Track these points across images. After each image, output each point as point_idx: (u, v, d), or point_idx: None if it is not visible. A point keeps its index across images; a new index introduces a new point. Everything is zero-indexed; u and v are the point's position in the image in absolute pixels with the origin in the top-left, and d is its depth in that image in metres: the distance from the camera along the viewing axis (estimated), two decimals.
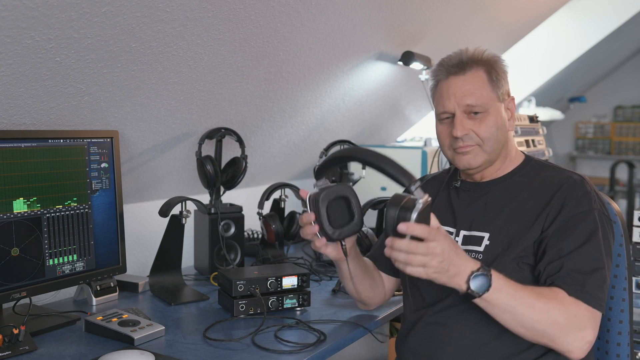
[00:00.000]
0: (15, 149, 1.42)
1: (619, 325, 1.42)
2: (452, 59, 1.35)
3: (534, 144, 2.50)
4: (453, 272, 1.13)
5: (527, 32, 3.46)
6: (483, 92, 1.32)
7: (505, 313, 1.16)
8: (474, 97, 1.32)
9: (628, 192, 6.01)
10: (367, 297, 1.52)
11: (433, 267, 1.10)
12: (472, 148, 1.34)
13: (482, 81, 1.33)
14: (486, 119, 1.32)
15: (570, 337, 1.17)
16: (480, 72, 1.33)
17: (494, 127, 1.33)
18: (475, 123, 1.33)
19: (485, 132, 1.32)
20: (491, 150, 1.35)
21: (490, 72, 1.34)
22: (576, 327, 1.17)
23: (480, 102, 1.32)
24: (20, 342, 1.32)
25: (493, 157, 1.36)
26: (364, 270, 1.45)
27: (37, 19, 1.19)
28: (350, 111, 2.61)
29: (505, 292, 1.16)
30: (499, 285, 1.15)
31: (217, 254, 1.96)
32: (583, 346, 1.17)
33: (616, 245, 1.41)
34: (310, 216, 1.25)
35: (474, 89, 1.32)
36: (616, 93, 6.96)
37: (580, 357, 1.19)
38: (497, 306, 1.16)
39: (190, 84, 1.72)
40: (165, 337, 1.43)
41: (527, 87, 4.72)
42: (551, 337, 1.17)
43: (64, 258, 1.54)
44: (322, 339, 1.41)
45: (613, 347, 1.43)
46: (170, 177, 2.09)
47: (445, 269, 1.12)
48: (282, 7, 1.65)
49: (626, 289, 1.42)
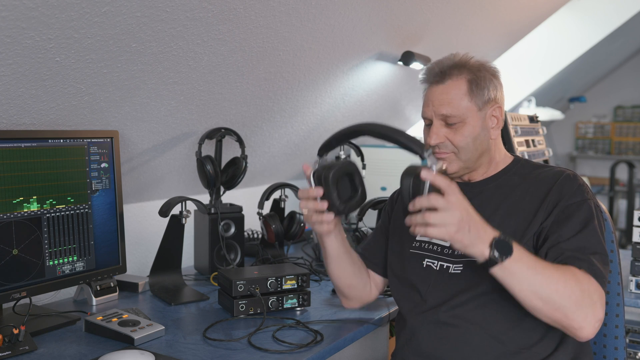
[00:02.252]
0: (15, 149, 1.42)
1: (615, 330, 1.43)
2: (434, 68, 1.36)
3: (534, 144, 2.49)
4: (475, 234, 1.13)
5: (527, 32, 3.46)
6: (461, 103, 1.32)
7: (524, 283, 1.15)
8: (449, 107, 1.32)
9: (628, 192, 6.00)
10: (349, 287, 1.50)
11: (454, 224, 1.11)
12: (447, 155, 1.36)
13: (461, 91, 1.32)
14: (462, 129, 1.33)
15: (583, 312, 1.15)
16: (461, 81, 1.33)
17: (469, 137, 1.33)
18: (450, 132, 1.34)
19: (460, 141, 1.33)
20: (466, 159, 1.36)
21: (472, 82, 1.33)
22: (589, 302, 1.16)
23: (456, 113, 1.32)
24: (20, 342, 1.32)
25: (470, 164, 1.37)
26: (348, 253, 1.45)
27: (37, 19, 1.19)
28: (350, 111, 2.61)
29: (526, 262, 1.15)
30: (519, 254, 1.15)
31: (217, 254, 1.96)
32: (595, 323, 1.16)
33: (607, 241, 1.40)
34: (316, 191, 1.28)
35: (451, 98, 1.32)
36: (616, 93, 6.96)
37: (591, 335, 1.17)
38: (516, 275, 1.15)
39: (190, 84, 1.72)
40: (165, 337, 1.43)
41: (527, 87, 4.72)
42: (566, 310, 1.15)
43: (64, 258, 1.54)
44: (320, 339, 1.41)
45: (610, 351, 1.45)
46: (170, 177, 2.09)
47: (466, 228, 1.12)
48: (282, 7, 1.65)
49: (620, 293, 1.45)
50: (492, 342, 1.27)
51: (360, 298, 1.54)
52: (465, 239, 1.13)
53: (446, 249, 1.38)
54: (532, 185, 1.35)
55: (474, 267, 1.30)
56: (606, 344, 1.45)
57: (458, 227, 1.11)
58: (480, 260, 1.15)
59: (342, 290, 1.52)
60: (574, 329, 1.17)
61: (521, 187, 1.36)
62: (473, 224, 1.13)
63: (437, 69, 1.35)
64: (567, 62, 4.53)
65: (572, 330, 1.17)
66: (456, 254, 1.35)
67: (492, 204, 1.36)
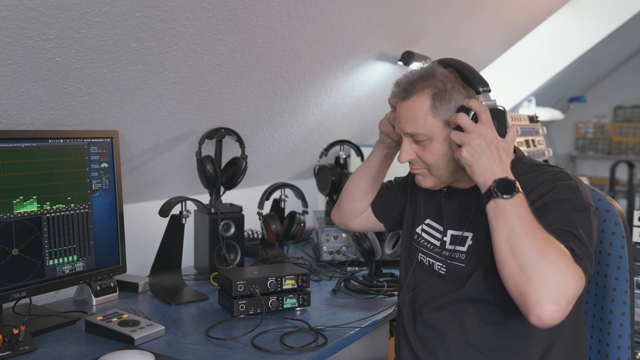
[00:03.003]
0: (15, 149, 1.42)
1: (619, 328, 1.41)
2: (400, 82, 1.32)
3: (534, 144, 2.49)
4: (484, 164, 1.17)
5: (527, 32, 3.46)
6: (426, 120, 1.27)
7: (507, 227, 1.12)
8: (413, 126, 1.28)
9: (628, 192, 6.01)
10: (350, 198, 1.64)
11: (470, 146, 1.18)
12: (420, 171, 1.35)
13: (424, 109, 1.27)
14: (429, 146, 1.29)
15: (547, 291, 1.05)
16: (424, 97, 1.27)
17: (437, 154, 1.29)
18: (419, 149, 1.31)
19: (428, 158, 1.31)
20: (439, 175, 1.33)
21: (436, 96, 1.26)
22: (560, 283, 1.05)
23: (421, 131, 1.28)
24: (20, 342, 1.32)
25: (445, 179, 1.35)
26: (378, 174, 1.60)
27: (37, 19, 1.19)
28: (350, 111, 2.61)
29: (519, 210, 1.13)
30: (517, 201, 1.14)
31: (217, 254, 1.96)
32: (555, 311, 1.04)
33: (617, 246, 1.41)
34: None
35: (415, 116, 1.28)
36: (616, 93, 6.96)
37: (545, 318, 1.05)
38: (504, 216, 1.13)
39: (190, 84, 1.72)
40: (165, 337, 1.43)
41: (527, 87, 4.72)
42: (530, 279, 1.06)
43: (64, 258, 1.54)
44: (321, 339, 1.41)
45: (613, 350, 1.42)
46: (170, 177, 2.09)
47: (477, 155, 1.18)
48: (282, 7, 1.65)
49: (627, 291, 1.41)
50: (469, 349, 1.28)
51: (348, 214, 1.66)
52: (474, 164, 1.18)
53: (437, 248, 1.39)
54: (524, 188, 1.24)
55: (457, 271, 1.33)
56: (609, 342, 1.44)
57: (472, 150, 1.18)
58: (482, 190, 1.18)
59: (346, 195, 1.65)
60: (531, 301, 1.05)
61: None
62: (487, 154, 1.17)
63: (403, 84, 1.31)
64: (567, 62, 4.54)
65: (528, 302, 1.06)
66: (443, 254, 1.37)
67: (481, 206, 1.26)
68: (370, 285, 1.83)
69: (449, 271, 1.35)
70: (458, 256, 1.33)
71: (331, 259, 2.15)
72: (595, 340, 1.46)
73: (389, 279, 1.88)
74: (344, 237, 2.16)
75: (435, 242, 1.40)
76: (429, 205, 1.46)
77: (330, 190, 2.30)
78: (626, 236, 1.41)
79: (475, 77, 1.28)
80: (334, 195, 2.34)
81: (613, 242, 1.42)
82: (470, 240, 1.32)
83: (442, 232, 1.39)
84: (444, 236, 1.38)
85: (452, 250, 1.34)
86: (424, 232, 1.45)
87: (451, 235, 1.37)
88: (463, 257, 1.32)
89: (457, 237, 1.35)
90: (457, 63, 1.31)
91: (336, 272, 2.03)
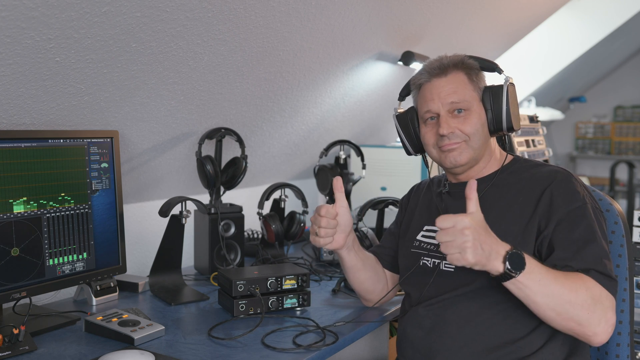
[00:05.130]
0: (15, 149, 1.42)
1: (618, 325, 1.41)
2: (433, 63, 1.41)
3: (534, 144, 2.49)
4: (488, 250, 1.13)
5: (527, 32, 3.46)
6: (466, 91, 1.37)
7: (537, 295, 1.16)
8: (457, 95, 1.37)
9: (628, 192, 6.01)
10: (367, 290, 1.57)
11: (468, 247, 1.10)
12: (458, 145, 1.37)
13: (464, 81, 1.38)
14: (470, 116, 1.37)
15: (596, 319, 1.17)
16: (461, 74, 1.39)
17: (478, 123, 1.37)
18: (459, 121, 1.37)
19: (470, 128, 1.36)
20: (477, 147, 1.38)
21: (470, 74, 1.39)
22: (601, 308, 1.18)
23: (464, 99, 1.36)
24: (20, 342, 1.32)
25: (479, 153, 1.40)
26: (364, 262, 1.53)
27: (37, 19, 1.19)
28: (350, 111, 2.61)
29: (538, 273, 1.16)
30: (531, 267, 1.15)
31: (217, 254, 1.96)
32: (608, 329, 1.18)
33: (617, 245, 1.42)
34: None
35: (456, 87, 1.37)
36: (616, 93, 6.96)
37: (605, 340, 1.19)
38: (529, 288, 1.15)
39: (190, 84, 1.72)
40: (165, 337, 1.43)
41: (527, 87, 4.72)
42: (579, 319, 1.17)
43: (64, 258, 1.54)
44: (331, 338, 1.41)
45: (612, 347, 1.43)
46: (170, 177, 2.09)
47: (478, 246, 1.11)
48: (282, 7, 1.65)
49: (627, 289, 1.42)
50: (477, 336, 1.29)
51: (378, 296, 1.59)
52: (482, 258, 1.12)
53: None
54: (527, 185, 1.35)
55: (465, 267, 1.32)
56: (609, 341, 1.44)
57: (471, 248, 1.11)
58: (494, 275, 1.16)
59: (362, 294, 1.60)
60: (588, 336, 1.19)
61: (516, 187, 1.37)
62: (483, 239, 1.13)
63: (435, 64, 1.40)
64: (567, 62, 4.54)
65: (586, 337, 1.19)
66: None
67: (485, 204, 1.32)
68: None
69: (458, 268, 1.34)
70: None
71: (331, 259, 2.14)
72: None
73: None
74: None
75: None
76: (423, 214, 1.50)
77: (330, 190, 2.30)
78: (626, 235, 1.42)
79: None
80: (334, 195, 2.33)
81: (613, 242, 1.43)
82: None
83: None
84: None
85: None
86: (423, 237, 1.47)
87: None
88: None
89: None
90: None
91: (336, 272, 2.03)
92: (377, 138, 3.16)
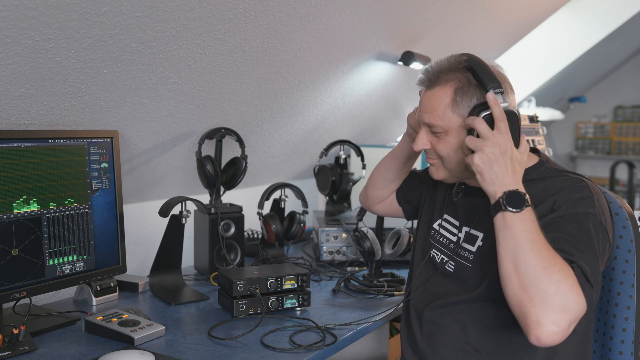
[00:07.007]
0: (15, 149, 1.42)
1: (622, 333, 1.39)
2: (428, 70, 1.31)
3: (533, 144, 2.49)
4: (495, 174, 1.15)
5: (527, 32, 3.46)
6: (444, 115, 1.26)
7: (512, 241, 1.10)
8: (431, 116, 1.28)
9: (628, 192, 6.01)
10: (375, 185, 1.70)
11: (484, 153, 1.16)
12: (434, 161, 1.35)
13: (445, 102, 1.26)
14: (444, 138, 1.29)
15: (549, 312, 1.03)
16: (447, 90, 1.26)
17: (449, 148, 1.28)
18: (435, 139, 1.31)
19: (441, 150, 1.30)
20: (452, 169, 1.32)
21: (458, 90, 1.25)
22: (562, 305, 1.03)
23: (439, 123, 1.27)
24: (20, 342, 1.32)
25: (457, 174, 1.34)
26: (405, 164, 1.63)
27: (37, 19, 1.19)
28: (350, 111, 2.61)
29: (527, 225, 1.11)
30: (526, 215, 1.12)
31: (217, 254, 1.96)
32: (555, 333, 1.03)
33: (624, 250, 1.37)
34: None
35: (435, 107, 1.27)
36: (616, 93, 6.96)
37: (545, 339, 1.04)
38: (511, 230, 1.11)
39: (190, 84, 1.72)
40: (165, 337, 1.43)
41: (527, 87, 4.72)
42: (532, 298, 1.05)
43: (64, 258, 1.54)
44: (331, 338, 1.41)
45: (615, 355, 1.40)
46: (170, 177, 2.09)
47: (489, 164, 1.15)
48: (282, 7, 1.65)
49: (632, 296, 1.36)
50: (467, 348, 1.29)
51: (372, 200, 1.73)
52: (485, 172, 1.16)
53: (452, 244, 1.40)
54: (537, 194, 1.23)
55: (463, 271, 1.34)
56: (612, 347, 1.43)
57: (484, 158, 1.16)
58: (491, 201, 1.16)
59: (371, 182, 1.71)
60: (531, 320, 1.05)
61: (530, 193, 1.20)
62: (500, 163, 1.15)
63: (429, 73, 1.30)
64: (567, 62, 4.54)
65: (529, 322, 1.05)
66: (457, 251, 1.36)
67: None
68: (370, 285, 1.83)
69: (457, 270, 1.35)
70: (467, 255, 1.34)
71: (331, 259, 2.15)
72: (599, 345, 1.44)
73: (389, 279, 1.88)
74: (344, 237, 2.16)
75: (452, 237, 1.40)
76: (448, 201, 1.47)
77: (330, 190, 2.30)
78: (635, 240, 1.35)
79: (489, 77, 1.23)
80: (334, 195, 2.34)
81: (620, 246, 1.37)
82: (480, 241, 1.32)
83: (458, 228, 1.40)
84: (460, 232, 1.38)
85: (462, 249, 1.35)
86: (441, 227, 1.46)
87: (465, 233, 1.37)
88: (471, 257, 1.32)
89: (469, 235, 1.35)
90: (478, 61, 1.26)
91: (336, 272, 2.03)
92: (377, 138, 3.16)
